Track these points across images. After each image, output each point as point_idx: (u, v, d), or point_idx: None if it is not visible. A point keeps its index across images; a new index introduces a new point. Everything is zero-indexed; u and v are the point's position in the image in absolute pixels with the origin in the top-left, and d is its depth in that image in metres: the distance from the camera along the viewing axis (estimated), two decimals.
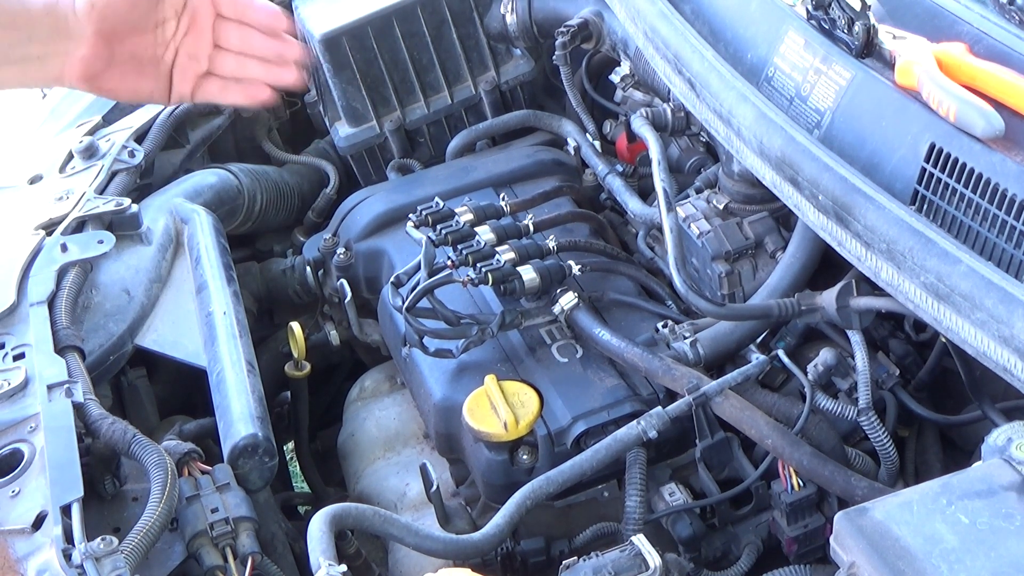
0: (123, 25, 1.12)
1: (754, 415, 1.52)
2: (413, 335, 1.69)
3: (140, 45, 1.14)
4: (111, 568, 1.29)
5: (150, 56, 1.15)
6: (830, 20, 1.43)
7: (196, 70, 1.18)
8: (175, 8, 1.15)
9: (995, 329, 1.15)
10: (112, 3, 1.11)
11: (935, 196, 1.28)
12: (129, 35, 1.13)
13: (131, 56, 1.14)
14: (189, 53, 1.17)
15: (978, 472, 1.09)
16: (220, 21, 1.18)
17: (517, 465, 1.60)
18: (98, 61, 1.12)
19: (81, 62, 1.11)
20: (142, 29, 1.14)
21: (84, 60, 1.11)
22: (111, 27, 1.11)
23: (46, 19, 1.10)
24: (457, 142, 2.24)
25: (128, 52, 1.14)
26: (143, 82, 1.17)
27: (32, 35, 1.10)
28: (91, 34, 1.10)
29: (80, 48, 1.10)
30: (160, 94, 1.18)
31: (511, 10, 2.24)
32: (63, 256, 1.78)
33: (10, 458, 1.47)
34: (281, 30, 1.19)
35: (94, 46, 1.11)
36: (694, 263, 1.77)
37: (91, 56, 1.11)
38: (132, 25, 1.13)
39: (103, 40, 1.11)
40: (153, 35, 1.15)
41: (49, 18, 1.10)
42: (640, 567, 1.29)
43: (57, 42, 1.10)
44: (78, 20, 1.10)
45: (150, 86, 1.17)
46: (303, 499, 2.14)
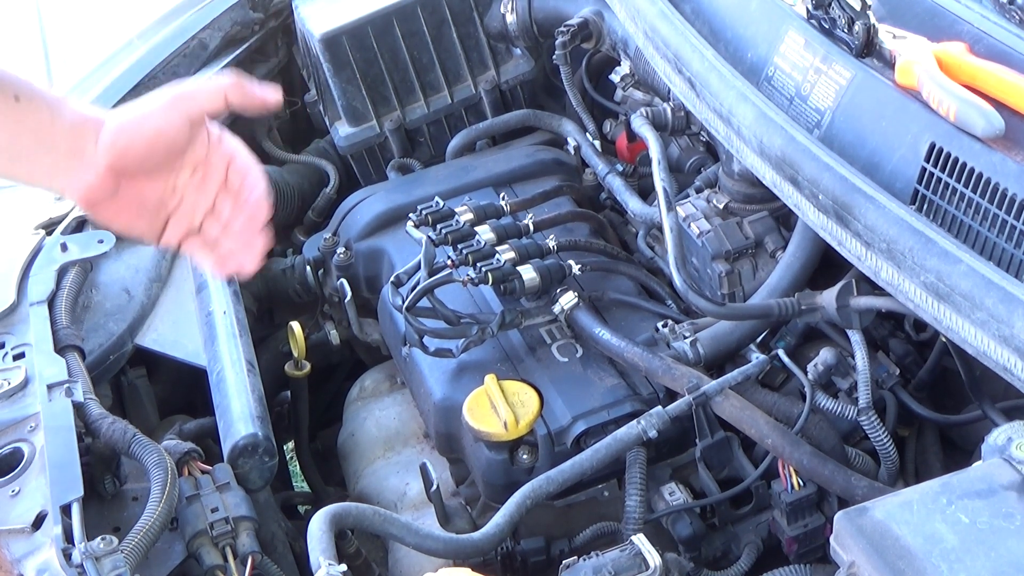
0: (136, 169, 1.12)
1: (754, 415, 1.52)
2: (413, 335, 1.69)
3: (147, 189, 1.15)
4: (111, 568, 1.29)
5: (154, 200, 1.16)
6: (830, 20, 1.43)
7: (188, 224, 1.18)
8: (194, 163, 1.16)
9: (995, 329, 1.15)
10: (133, 145, 1.11)
11: (935, 196, 1.28)
12: (139, 179, 1.14)
13: (136, 196, 1.14)
14: (190, 206, 1.17)
15: (978, 472, 1.09)
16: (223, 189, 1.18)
17: (517, 465, 1.60)
18: (102, 192, 1.12)
19: (86, 188, 1.12)
20: (154, 177, 1.14)
21: (89, 187, 1.12)
22: (124, 167, 1.12)
23: (67, 136, 1.10)
24: (457, 142, 2.24)
25: (134, 192, 1.14)
26: (139, 222, 1.17)
27: (52, 148, 1.10)
28: (103, 167, 1.11)
29: (88, 176, 1.11)
30: (151, 236, 1.19)
31: (511, 10, 2.25)
32: (63, 256, 1.78)
33: (10, 458, 1.47)
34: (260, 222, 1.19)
35: (102, 179, 1.11)
36: (694, 263, 1.77)
37: (96, 186, 1.12)
38: (145, 172, 1.13)
39: (112, 176, 1.11)
40: (163, 183, 1.15)
41: (71, 137, 1.10)
42: (640, 567, 1.29)
43: (71, 162, 1.10)
44: (96, 149, 1.11)
45: (144, 226, 1.17)
46: (303, 499, 2.14)
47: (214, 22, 2.32)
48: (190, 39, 2.29)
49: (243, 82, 1.14)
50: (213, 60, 2.32)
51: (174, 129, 1.12)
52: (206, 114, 1.13)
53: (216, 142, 1.16)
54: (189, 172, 1.16)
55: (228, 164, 1.17)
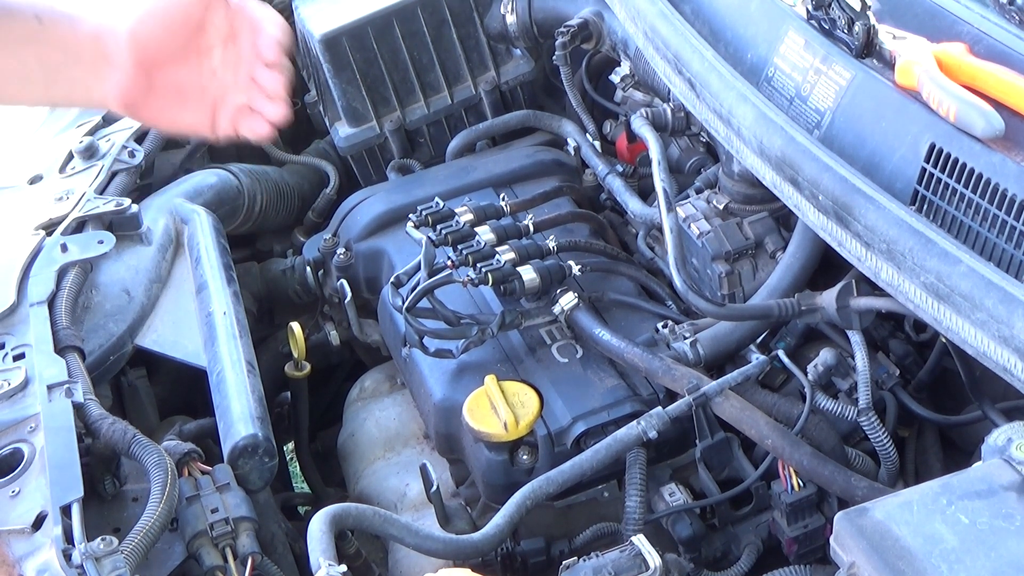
0: (163, 55, 1.11)
1: (754, 415, 1.52)
2: (413, 335, 1.69)
3: (183, 75, 1.13)
4: (111, 568, 1.29)
5: (194, 87, 1.14)
6: (830, 20, 1.43)
7: (238, 106, 1.17)
8: (220, 36, 1.14)
9: (995, 329, 1.15)
10: (152, 33, 1.10)
11: (935, 196, 1.28)
12: (170, 65, 1.12)
13: (174, 86, 1.13)
14: (233, 87, 1.15)
15: (978, 472, 1.09)
16: (257, 56, 1.16)
17: (517, 465, 1.60)
18: (136, 90, 1.11)
19: (120, 90, 1.11)
20: (184, 59, 1.13)
21: (123, 88, 1.11)
22: (151, 57, 1.11)
23: (91, 44, 1.10)
24: (457, 142, 2.24)
25: (171, 82, 1.13)
26: (184, 113, 1.15)
27: (79, 58, 1.10)
28: (130, 63, 1.10)
29: (120, 76, 1.10)
30: (202, 126, 1.17)
31: (511, 10, 2.24)
32: (63, 256, 1.78)
33: (10, 458, 1.47)
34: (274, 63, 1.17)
35: (133, 75, 1.10)
36: (694, 263, 1.77)
37: (130, 85, 1.11)
38: (172, 55, 1.12)
39: (142, 69, 1.10)
40: (198, 65, 1.13)
41: (94, 43, 1.10)
42: (640, 567, 1.29)
43: (100, 67, 1.10)
44: (119, 48, 1.10)
45: (191, 118, 1.16)
46: (303, 499, 2.14)
47: None
48: None
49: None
50: None
51: (184, 2, 1.11)
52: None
53: (236, 9, 1.14)
54: (220, 50, 1.14)
55: (255, 31, 1.15)
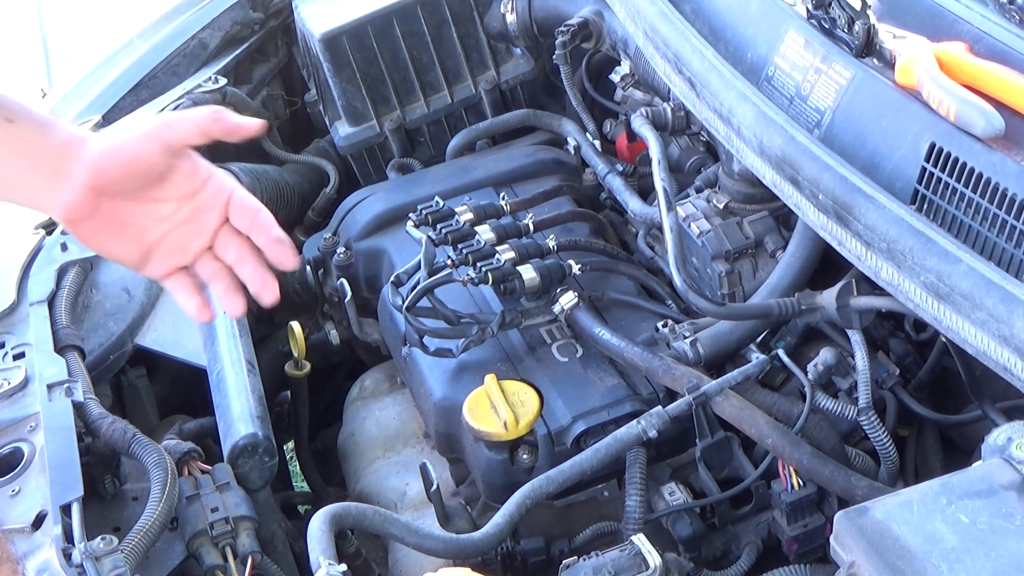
0: (115, 189, 1.14)
1: (754, 415, 1.52)
2: (413, 334, 1.69)
3: (129, 212, 1.16)
4: (111, 567, 1.29)
5: (136, 225, 1.16)
6: (830, 19, 1.43)
7: (179, 260, 1.19)
8: (179, 194, 1.16)
9: (995, 328, 1.15)
10: (113, 169, 1.13)
11: (935, 196, 1.28)
12: (120, 199, 1.15)
13: (116, 218, 1.16)
14: (179, 242, 1.18)
15: (978, 472, 1.09)
16: (226, 229, 1.18)
17: (517, 465, 1.60)
18: (83, 211, 1.14)
19: (67, 206, 1.14)
20: (134, 199, 1.16)
21: (70, 205, 1.13)
22: (105, 188, 1.13)
23: (54, 156, 1.12)
24: (457, 141, 2.24)
25: (115, 214, 1.15)
26: (119, 244, 1.18)
27: (39, 167, 1.12)
28: (84, 185, 1.13)
29: (70, 193, 1.13)
30: (132, 262, 1.19)
31: (511, 9, 2.25)
32: (63, 255, 1.78)
33: (10, 457, 1.47)
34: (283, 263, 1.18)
35: (82, 197, 1.13)
36: (694, 262, 1.77)
37: (77, 203, 1.13)
38: (125, 192, 1.15)
39: (93, 195, 1.13)
40: (146, 208, 1.16)
41: (57, 158, 1.13)
42: (640, 567, 1.29)
43: (55, 181, 1.13)
44: (78, 169, 1.13)
45: (125, 250, 1.18)
46: (303, 499, 2.14)
47: (214, 22, 2.33)
48: (190, 39, 2.29)
49: (220, 113, 1.15)
50: (213, 60, 2.32)
51: (152, 155, 1.14)
52: (184, 144, 1.15)
53: (205, 180, 1.17)
54: (175, 204, 1.17)
55: (226, 204, 1.18)
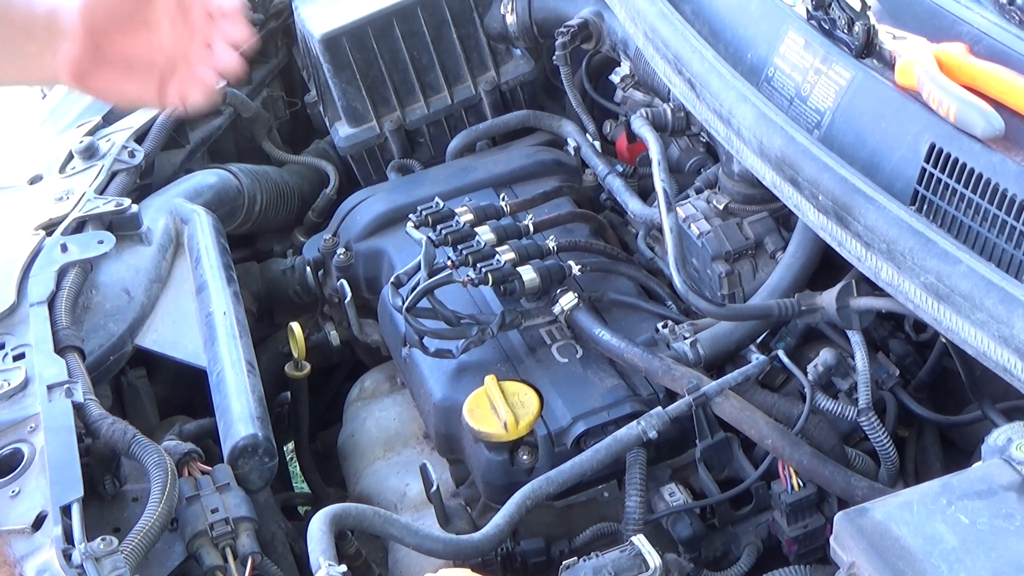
0: (110, 24, 1.14)
1: (754, 415, 1.52)
2: (413, 335, 1.69)
3: (131, 47, 1.15)
4: (111, 568, 1.29)
5: (141, 58, 1.16)
6: (830, 20, 1.43)
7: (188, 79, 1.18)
8: (167, 10, 1.16)
9: (995, 329, 1.15)
10: (99, 3, 1.13)
11: (935, 196, 1.28)
12: (118, 35, 1.15)
13: (121, 57, 1.15)
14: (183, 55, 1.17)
15: (978, 472, 1.09)
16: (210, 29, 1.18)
17: (517, 465, 1.60)
18: (86, 60, 1.14)
19: (70, 60, 1.14)
20: (132, 31, 1.15)
21: (73, 58, 1.14)
22: (98, 26, 1.14)
23: (45, 19, 1.13)
24: (457, 142, 2.24)
25: (119, 53, 1.15)
26: (130, 84, 1.18)
27: (31, 33, 1.13)
28: (79, 33, 1.13)
29: (70, 46, 1.13)
30: (149, 97, 1.19)
31: (511, 10, 2.25)
32: (63, 256, 1.77)
33: (10, 458, 1.47)
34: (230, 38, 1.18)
35: (82, 45, 1.13)
36: (694, 263, 1.77)
37: (80, 54, 1.14)
38: (119, 25, 1.14)
39: (91, 39, 1.13)
40: (146, 38, 1.16)
41: (48, 19, 1.13)
42: (640, 567, 1.29)
43: (52, 40, 1.13)
44: (71, 19, 1.13)
45: (137, 88, 1.18)
46: (303, 499, 2.14)
47: None
48: None
49: None
50: None
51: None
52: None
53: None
54: (168, 24, 1.16)
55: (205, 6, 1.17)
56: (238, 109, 2.30)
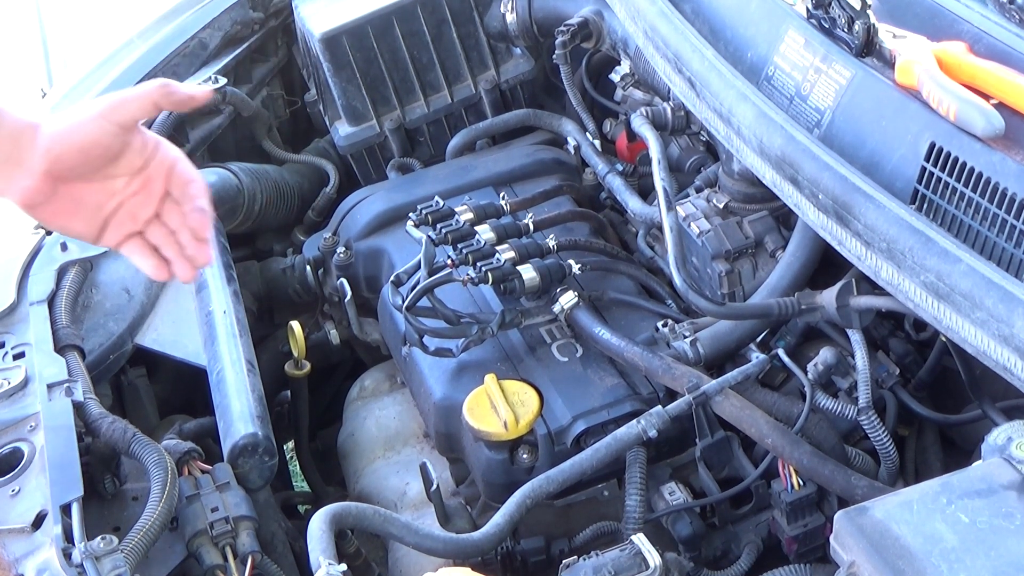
0: (72, 173, 1.17)
1: (754, 414, 1.52)
2: (413, 334, 1.69)
3: (85, 192, 1.19)
4: (111, 567, 1.29)
5: (92, 203, 1.20)
6: (830, 19, 1.43)
7: (130, 228, 1.22)
8: (131, 169, 1.20)
9: (995, 328, 1.15)
10: (67, 153, 1.15)
11: (935, 195, 1.28)
12: (76, 182, 1.18)
13: (72, 198, 1.19)
14: (131, 211, 1.21)
15: (978, 471, 1.09)
16: (167, 198, 1.23)
17: (517, 464, 1.60)
18: (40, 195, 1.16)
19: (24, 192, 1.16)
20: (90, 180, 1.19)
21: (26, 191, 1.16)
22: (60, 172, 1.16)
23: (8, 144, 1.14)
24: (457, 141, 2.24)
25: (71, 195, 1.18)
26: (76, 222, 1.21)
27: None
28: (40, 172, 1.15)
29: (26, 180, 1.15)
30: (89, 236, 1.23)
31: (511, 9, 2.24)
32: (63, 255, 1.78)
33: (10, 457, 1.47)
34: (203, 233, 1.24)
35: (39, 183, 1.15)
36: (694, 262, 1.77)
37: (34, 190, 1.16)
38: (81, 175, 1.18)
39: (50, 180, 1.16)
40: (101, 186, 1.20)
41: (10, 145, 1.14)
42: (640, 566, 1.29)
43: (10, 168, 1.15)
44: (32, 156, 1.15)
45: (82, 227, 1.21)
46: (303, 498, 2.14)
47: (214, 22, 2.33)
48: (190, 39, 2.29)
49: (169, 85, 1.19)
50: (213, 59, 2.32)
51: (108, 136, 1.17)
52: (137, 120, 1.18)
53: (153, 150, 1.21)
54: (127, 178, 1.20)
55: (168, 172, 1.22)
56: (238, 108, 2.30)
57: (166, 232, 1.23)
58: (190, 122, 2.24)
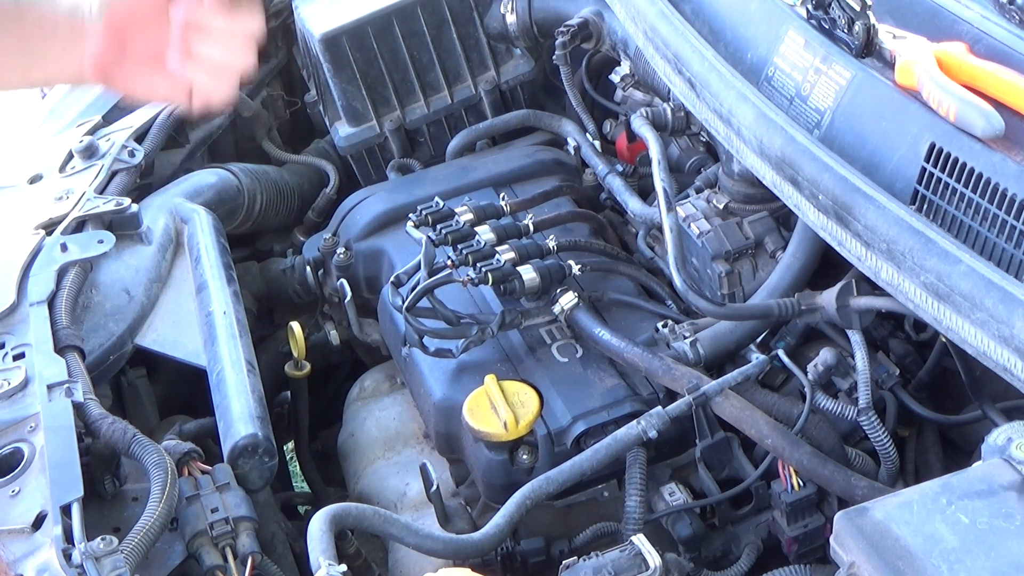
0: (132, 19, 1.14)
1: (754, 415, 1.52)
2: (413, 335, 1.69)
3: (154, 41, 1.14)
4: (111, 568, 1.29)
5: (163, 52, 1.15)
6: (830, 20, 1.43)
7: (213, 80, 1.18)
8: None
9: (995, 329, 1.15)
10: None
11: (935, 196, 1.28)
12: (141, 29, 1.14)
13: (147, 52, 1.15)
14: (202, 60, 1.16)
15: (978, 472, 1.09)
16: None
17: (517, 465, 1.60)
18: (110, 56, 1.14)
19: (95, 56, 1.14)
20: (155, 23, 1.14)
21: (97, 55, 1.14)
22: (120, 21, 1.14)
23: (67, 18, 1.14)
24: (457, 142, 2.24)
25: (143, 48, 1.15)
26: (157, 80, 1.16)
27: (55, 34, 1.14)
28: (102, 28, 1.13)
29: (93, 43, 1.13)
30: (177, 94, 1.18)
31: (511, 10, 2.24)
32: (63, 256, 1.77)
33: (10, 458, 1.47)
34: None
35: (106, 41, 1.13)
36: (694, 263, 1.77)
37: (103, 51, 1.14)
38: (142, 19, 1.14)
39: (115, 34, 1.13)
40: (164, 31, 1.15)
41: (70, 17, 1.14)
42: (640, 567, 1.29)
43: (76, 40, 1.13)
44: (92, 17, 1.13)
45: (164, 83, 1.17)
46: (303, 499, 2.14)
47: None
48: None
49: None
50: None
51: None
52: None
53: None
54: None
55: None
56: (238, 108, 2.30)
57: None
58: (190, 123, 2.24)
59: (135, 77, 1.17)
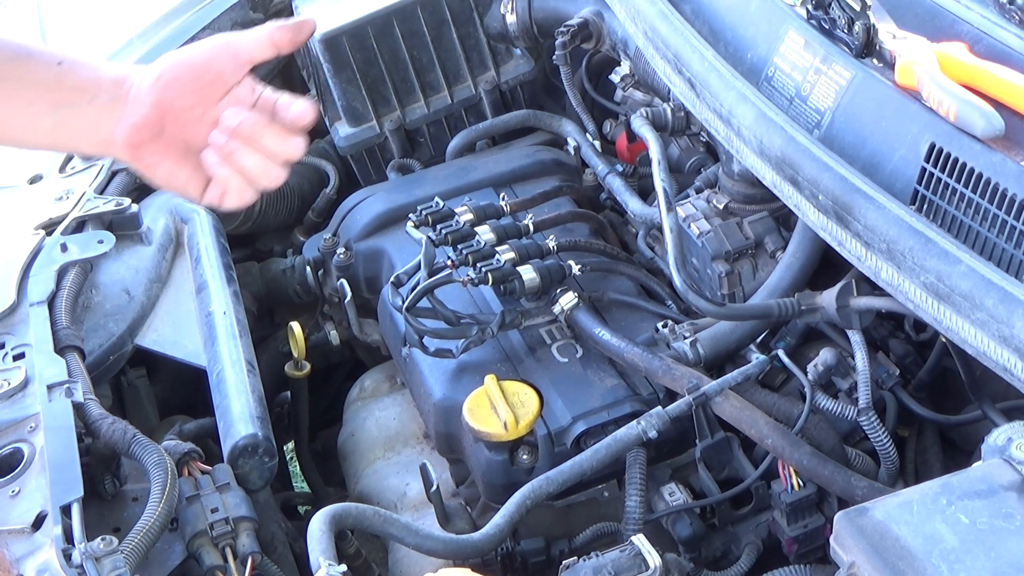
0: (182, 103, 1.13)
1: (754, 415, 1.52)
2: (413, 335, 1.69)
3: (192, 132, 1.15)
4: (111, 568, 1.29)
5: (198, 145, 1.15)
6: (830, 20, 1.43)
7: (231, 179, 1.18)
8: (235, 99, 1.16)
9: (995, 329, 1.15)
10: (178, 77, 1.13)
11: (935, 196, 1.28)
12: (185, 117, 1.14)
13: (180, 138, 1.15)
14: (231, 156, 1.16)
15: (978, 472, 1.09)
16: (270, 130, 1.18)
17: (517, 465, 1.60)
18: (147, 131, 1.13)
19: (131, 128, 1.13)
20: (200, 115, 1.14)
21: (134, 126, 1.13)
22: (170, 101, 1.13)
23: (112, 85, 1.13)
24: (457, 142, 2.24)
25: (179, 133, 1.14)
26: (181, 169, 1.16)
27: (96, 98, 1.12)
28: (148, 103, 1.12)
29: (135, 113, 1.12)
30: (194, 188, 1.18)
31: (511, 10, 2.24)
32: (63, 256, 1.77)
33: (10, 458, 1.47)
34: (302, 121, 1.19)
35: (148, 115, 1.12)
36: (694, 263, 1.77)
37: (142, 123, 1.13)
38: (190, 107, 1.14)
39: (158, 111, 1.13)
40: (208, 127, 1.15)
41: (115, 85, 1.13)
42: (640, 567, 1.29)
43: (115, 106, 1.12)
44: (140, 89, 1.13)
45: (186, 175, 1.17)
46: (303, 499, 2.14)
47: (214, 22, 2.32)
48: (190, 39, 2.29)
49: (281, 23, 1.16)
50: None
51: (221, 63, 1.14)
52: (253, 58, 1.15)
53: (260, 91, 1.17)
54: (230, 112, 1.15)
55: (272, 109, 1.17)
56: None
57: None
58: None
59: (160, 161, 1.16)
